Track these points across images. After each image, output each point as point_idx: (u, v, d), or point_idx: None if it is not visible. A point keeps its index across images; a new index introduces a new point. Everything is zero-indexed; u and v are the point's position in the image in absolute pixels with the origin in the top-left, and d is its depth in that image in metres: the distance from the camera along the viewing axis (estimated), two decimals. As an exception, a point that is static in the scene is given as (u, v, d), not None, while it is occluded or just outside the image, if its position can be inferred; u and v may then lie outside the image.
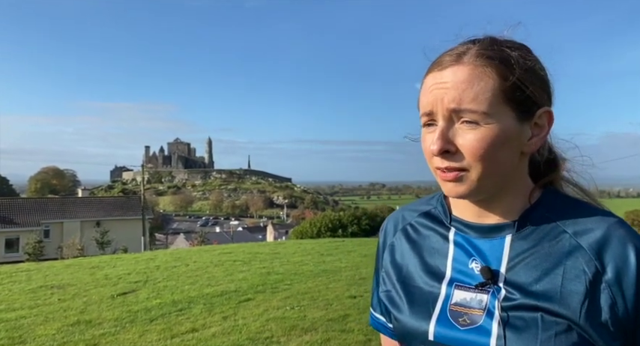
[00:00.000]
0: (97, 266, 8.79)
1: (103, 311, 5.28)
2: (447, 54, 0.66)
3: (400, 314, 0.73)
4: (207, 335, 4.28)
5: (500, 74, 0.62)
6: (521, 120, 0.64)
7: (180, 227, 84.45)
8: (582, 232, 0.64)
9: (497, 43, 0.66)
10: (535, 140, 0.67)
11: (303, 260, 8.93)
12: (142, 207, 30.10)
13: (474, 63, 0.63)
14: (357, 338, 4.08)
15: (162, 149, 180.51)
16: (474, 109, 0.62)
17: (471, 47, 0.65)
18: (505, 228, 0.68)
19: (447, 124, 0.64)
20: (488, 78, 0.62)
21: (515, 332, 0.61)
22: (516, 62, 0.63)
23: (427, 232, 0.76)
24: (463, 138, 0.63)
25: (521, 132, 0.65)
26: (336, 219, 23.24)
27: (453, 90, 0.63)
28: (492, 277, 0.66)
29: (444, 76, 0.64)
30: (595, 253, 0.62)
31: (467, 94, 0.62)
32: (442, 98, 0.63)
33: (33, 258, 20.05)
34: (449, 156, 0.64)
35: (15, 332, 4.54)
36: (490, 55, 0.63)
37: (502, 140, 0.62)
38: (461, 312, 0.66)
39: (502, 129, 0.62)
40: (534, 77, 0.65)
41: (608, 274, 0.61)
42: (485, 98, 0.62)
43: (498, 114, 0.62)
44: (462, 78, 0.63)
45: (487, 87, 0.62)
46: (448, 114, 0.63)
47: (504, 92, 0.62)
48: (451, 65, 0.64)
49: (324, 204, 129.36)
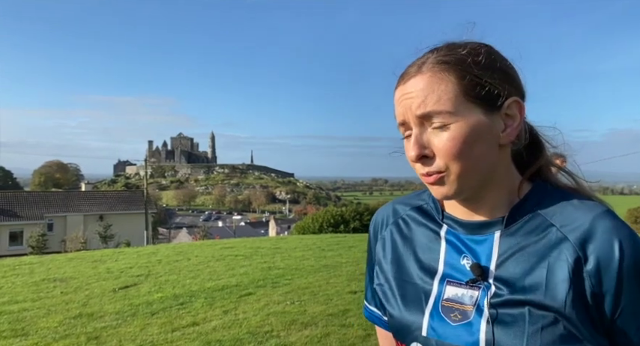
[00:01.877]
0: (99, 260, 8.85)
1: (104, 304, 5.32)
2: (409, 66, 0.70)
3: (394, 310, 0.74)
4: (208, 328, 4.31)
5: (456, 76, 0.66)
6: (489, 113, 0.66)
7: (182, 221, 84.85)
8: (569, 224, 0.65)
9: (453, 47, 0.69)
10: (509, 130, 0.68)
11: (305, 255, 8.95)
12: (144, 202, 30.19)
13: (432, 70, 0.67)
14: (356, 332, 4.09)
15: (165, 144, 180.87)
16: (439, 110, 0.65)
17: (429, 56, 0.69)
18: (494, 225, 0.70)
19: (420, 130, 0.67)
20: (447, 81, 0.65)
21: (503, 327, 0.63)
22: (472, 61, 0.66)
23: (419, 228, 0.78)
24: (436, 140, 0.66)
25: (492, 125, 0.66)
26: (338, 215, 23.27)
27: (417, 98, 0.66)
28: (482, 273, 0.67)
29: (408, 87, 0.68)
30: (579, 244, 0.63)
31: (430, 99, 0.65)
32: (410, 107, 0.67)
33: (36, 251, 20.20)
34: (427, 161, 0.67)
35: (18, 324, 4.58)
36: (446, 60, 0.67)
37: (473, 136, 0.65)
38: (452, 308, 0.67)
39: (470, 125, 0.65)
40: (492, 72, 0.67)
41: (589, 264, 0.62)
42: (447, 99, 0.65)
43: (464, 112, 0.65)
44: (423, 85, 0.66)
45: (447, 89, 0.65)
46: (418, 120, 0.66)
47: (464, 91, 0.65)
48: (414, 76, 0.68)
49: (327, 199, 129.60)
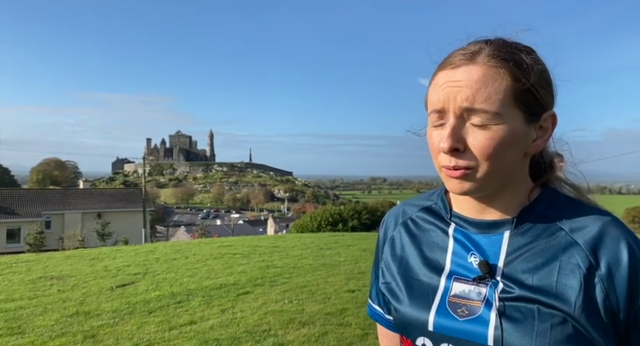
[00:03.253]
0: (96, 258, 8.82)
1: (101, 302, 5.30)
2: (459, 52, 0.66)
3: (400, 305, 0.74)
4: (206, 327, 4.30)
5: (513, 76, 0.63)
6: (529, 122, 0.66)
7: (181, 219, 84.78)
8: (578, 229, 0.66)
9: (508, 45, 0.67)
10: (539, 142, 0.68)
11: (303, 254, 8.94)
12: (143, 199, 30.15)
13: (487, 63, 0.64)
14: (354, 332, 4.09)
15: (163, 141, 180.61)
16: (485, 109, 0.63)
17: (484, 47, 0.66)
18: (504, 225, 0.70)
19: (458, 122, 0.64)
20: (501, 79, 0.63)
21: (512, 322, 0.63)
22: (529, 65, 0.64)
23: (428, 226, 0.78)
24: (473, 137, 0.64)
25: (527, 133, 0.66)
26: (337, 213, 23.31)
27: (466, 89, 0.63)
28: (490, 271, 0.67)
29: (457, 75, 0.64)
30: (590, 249, 0.64)
31: (480, 94, 0.62)
32: (455, 96, 0.63)
33: (34, 249, 20.15)
34: (457, 154, 0.65)
35: (14, 323, 4.56)
36: (504, 57, 0.64)
37: (510, 141, 0.64)
38: (460, 304, 0.68)
39: (511, 130, 0.64)
40: (544, 81, 0.66)
41: (601, 269, 0.63)
42: (497, 99, 0.63)
43: (508, 116, 0.63)
44: (475, 77, 0.63)
45: (500, 88, 0.63)
46: (460, 112, 0.64)
47: (515, 94, 0.63)
48: (465, 64, 0.64)
49: (325, 198, 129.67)
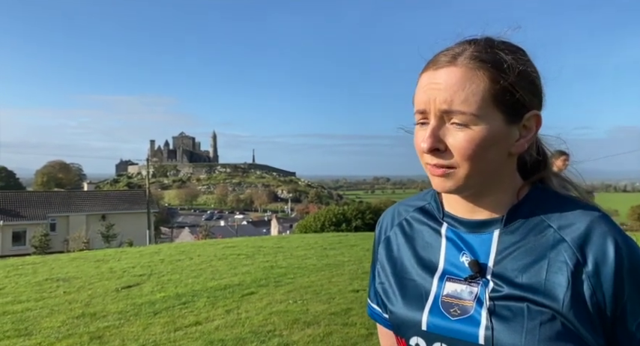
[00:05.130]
0: (102, 260, 8.86)
1: (107, 304, 5.33)
2: (442, 53, 0.68)
3: (393, 307, 0.76)
4: (211, 328, 4.32)
5: (491, 78, 0.64)
6: (510, 122, 0.66)
7: (185, 221, 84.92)
8: (566, 226, 0.67)
9: (492, 45, 0.67)
10: (522, 141, 0.69)
11: (307, 254, 8.95)
12: (147, 201, 30.26)
13: (467, 65, 0.64)
14: (359, 331, 4.09)
15: (167, 143, 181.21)
16: (463, 111, 0.64)
17: (466, 48, 0.66)
18: (493, 224, 0.71)
19: (438, 123, 0.66)
20: (479, 81, 0.64)
21: (502, 321, 0.64)
22: (509, 66, 0.65)
23: (421, 227, 0.79)
24: (453, 137, 0.65)
25: (509, 133, 0.67)
26: (340, 214, 23.29)
27: (444, 92, 0.64)
28: (480, 270, 0.68)
29: (437, 77, 0.66)
30: (577, 246, 0.64)
31: (458, 96, 0.63)
32: (435, 98, 0.65)
33: (39, 251, 20.25)
34: (438, 154, 0.67)
35: (21, 324, 4.60)
36: (483, 58, 0.65)
37: (490, 141, 0.65)
38: (452, 303, 0.69)
39: (490, 130, 0.64)
40: (525, 81, 0.66)
41: (588, 266, 0.63)
42: (475, 100, 0.63)
43: (487, 117, 0.64)
44: (454, 79, 0.64)
45: (478, 89, 0.63)
46: (440, 114, 0.65)
47: (494, 95, 0.64)
48: (446, 66, 0.65)
49: (329, 198, 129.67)
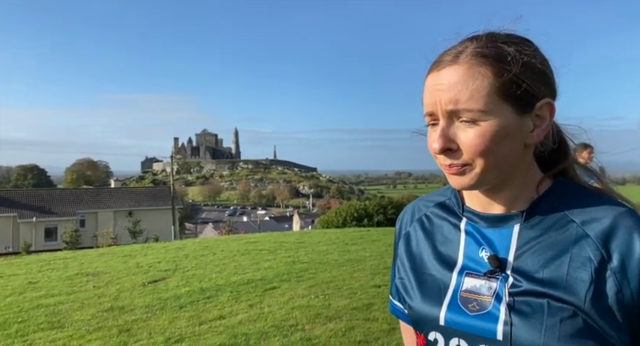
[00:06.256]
0: (129, 255, 9.12)
1: (134, 298, 5.49)
2: (446, 53, 0.68)
3: (412, 302, 0.76)
4: (234, 322, 4.39)
5: (494, 72, 0.63)
6: (521, 113, 0.65)
7: (208, 216, 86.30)
8: (590, 221, 0.65)
9: (494, 39, 0.67)
10: (538, 131, 0.68)
11: (328, 249, 8.98)
12: (171, 197, 30.86)
13: (469, 62, 0.64)
14: (381, 326, 4.09)
15: (190, 140, 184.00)
16: (470, 108, 0.63)
17: (468, 46, 0.66)
18: (513, 218, 0.70)
19: (447, 123, 0.66)
20: (482, 76, 0.63)
21: (521, 317, 0.63)
22: (512, 58, 0.64)
23: (440, 222, 0.79)
24: (464, 135, 0.65)
25: (521, 125, 0.66)
26: (362, 209, 23.20)
27: (448, 92, 0.64)
28: (500, 265, 0.67)
29: (441, 77, 0.66)
30: (601, 242, 0.63)
31: (462, 94, 0.63)
32: (440, 99, 0.65)
33: (70, 247, 20.90)
34: (451, 154, 0.66)
35: (54, 317, 4.78)
36: (485, 53, 0.65)
37: (502, 135, 0.64)
38: (471, 299, 0.68)
39: (501, 124, 0.64)
40: (531, 71, 0.65)
41: (613, 262, 0.62)
42: (480, 96, 0.63)
43: (496, 111, 0.64)
44: (457, 79, 0.64)
45: (482, 85, 0.63)
46: (447, 114, 0.65)
47: (500, 89, 0.63)
48: (448, 65, 0.65)
49: (350, 193, 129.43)
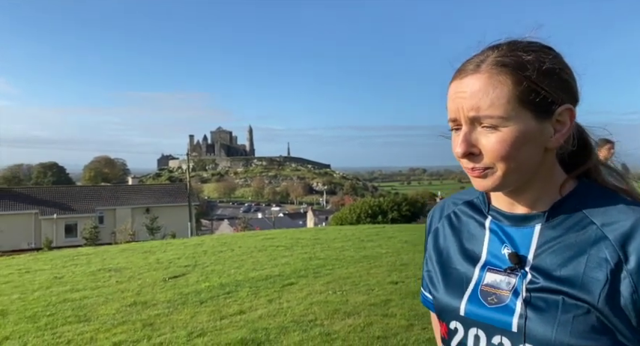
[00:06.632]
0: (149, 251, 9.30)
1: (156, 293, 5.61)
2: (468, 62, 0.71)
3: (437, 293, 0.81)
4: (254, 316, 4.47)
5: (513, 80, 0.66)
6: (540, 119, 0.68)
7: (224, 213, 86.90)
8: (610, 224, 0.67)
9: (514, 48, 0.69)
10: (558, 136, 0.70)
11: (344, 246, 9.02)
12: (188, 194, 31.22)
13: (489, 71, 0.67)
14: (399, 322, 4.12)
15: (205, 137, 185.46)
16: (491, 115, 0.66)
17: (489, 55, 0.69)
18: (536, 218, 0.73)
19: (470, 129, 0.69)
20: (502, 85, 0.66)
21: (536, 312, 0.66)
22: (531, 66, 0.66)
23: (467, 219, 0.83)
24: (486, 140, 0.68)
25: (541, 130, 0.68)
26: (376, 205, 23.12)
27: (470, 100, 0.67)
28: (520, 262, 0.71)
29: (463, 85, 0.69)
30: (619, 244, 0.65)
31: (483, 102, 0.66)
32: (462, 107, 0.68)
33: (90, 243, 21.35)
34: (473, 158, 0.70)
35: (80, 311, 4.93)
36: (505, 62, 0.67)
37: (522, 140, 0.67)
38: (490, 292, 0.72)
39: (521, 130, 0.66)
40: (550, 78, 0.67)
41: (630, 263, 0.63)
42: (500, 104, 0.66)
43: (516, 117, 0.66)
44: (478, 87, 0.67)
45: (502, 93, 0.66)
46: (469, 120, 0.69)
47: (519, 96, 0.66)
48: (470, 74, 0.69)
49: (364, 190, 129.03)
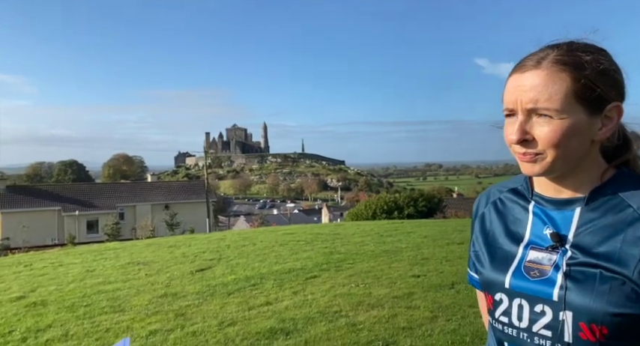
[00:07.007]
0: (174, 246, 9.53)
1: (185, 285, 5.80)
2: (528, 58, 0.77)
3: (483, 269, 0.89)
4: (281, 307, 4.61)
5: (572, 77, 0.73)
6: (591, 114, 0.75)
7: (240, 209, 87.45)
8: None
9: (573, 48, 0.76)
10: (605, 130, 0.77)
11: (364, 240, 9.09)
12: (206, 191, 31.65)
13: (550, 68, 0.74)
14: (423, 314, 4.19)
15: (220, 135, 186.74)
16: (547, 107, 0.73)
17: (549, 53, 0.76)
18: (576, 202, 0.80)
19: (525, 118, 0.76)
20: (562, 81, 0.73)
21: (575, 283, 0.74)
22: (589, 66, 0.74)
23: (512, 205, 0.91)
24: (540, 130, 0.75)
25: (591, 124, 0.75)
26: (392, 201, 22.99)
27: (529, 93, 0.74)
28: (561, 241, 0.78)
29: (523, 79, 0.75)
30: None
31: (542, 95, 0.73)
32: (521, 99, 0.75)
33: (112, 239, 21.85)
34: (526, 144, 0.77)
35: (114, 302, 5.15)
36: (565, 61, 0.74)
37: (573, 132, 0.74)
38: (533, 267, 0.80)
39: (573, 122, 0.73)
40: (605, 78, 0.75)
41: None
42: (558, 98, 0.73)
43: (570, 111, 0.73)
44: (538, 81, 0.74)
45: (560, 89, 0.73)
46: (526, 111, 0.75)
47: (576, 92, 0.73)
48: (531, 69, 0.75)
49: (379, 186, 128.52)
